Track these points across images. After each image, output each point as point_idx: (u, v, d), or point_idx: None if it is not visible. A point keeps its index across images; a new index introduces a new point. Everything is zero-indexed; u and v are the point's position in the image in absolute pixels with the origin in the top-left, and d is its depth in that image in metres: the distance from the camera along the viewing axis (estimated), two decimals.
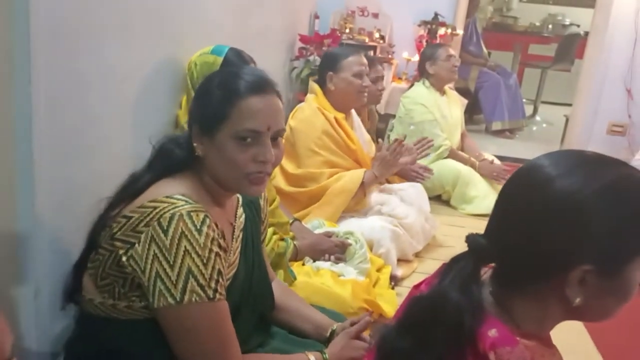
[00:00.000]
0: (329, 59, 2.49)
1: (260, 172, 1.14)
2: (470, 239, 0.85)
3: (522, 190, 0.83)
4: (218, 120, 1.11)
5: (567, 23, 6.85)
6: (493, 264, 0.87)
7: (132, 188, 1.14)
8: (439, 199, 3.34)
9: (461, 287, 0.82)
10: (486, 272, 0.89)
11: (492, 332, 0.80)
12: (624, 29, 4.08)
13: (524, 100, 5.59)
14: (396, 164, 2.41)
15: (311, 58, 3.64)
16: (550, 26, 6.84)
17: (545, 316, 0.84)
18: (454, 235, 2.84)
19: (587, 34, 4.72)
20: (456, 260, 0.86)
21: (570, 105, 4.83)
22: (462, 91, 4.49)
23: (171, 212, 1.04)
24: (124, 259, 1.05)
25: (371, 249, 2.22)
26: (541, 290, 0.82)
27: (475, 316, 0.81)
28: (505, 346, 0.78)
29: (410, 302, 0.93)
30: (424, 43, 4.00)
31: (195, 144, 1.14)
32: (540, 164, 0.82)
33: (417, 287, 1.01)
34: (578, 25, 6.61)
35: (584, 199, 0.77)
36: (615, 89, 4.17)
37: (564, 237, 0.78)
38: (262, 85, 1.15)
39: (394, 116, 3.65)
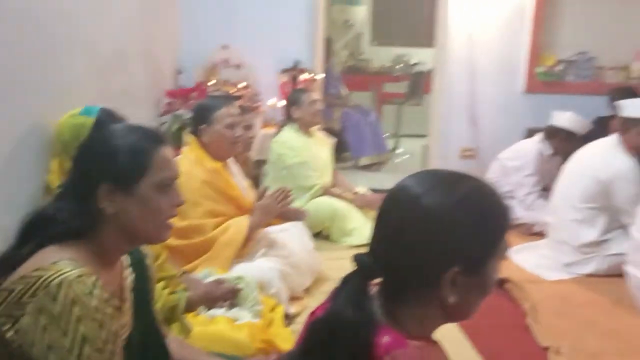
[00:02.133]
0: (200, 112, 2.54)
1: (174, 216, 1.23)
2: (357, 257, 0.94)
3: (394, 209, 0.95)
4: (139, 174, 1.15)
5: (414, 62, 7.49)
6: (379, 279, 0.97)
7: (10, 260, 1.09)
8: (319, 235, 3.46)
9: (353, 304, 0.91)
10: (374, 288, 0.99)
11: (385, 339, 0.89)
12: (461, 64, 4.57)
13: (386, 135, 6.00)
14: (278, 210, 2.52)
15: (179, 112, 3.66)
16: (399, 66, 7.45)
17: (428, 318, 0.95)
18: (338, 267, 2.92)
19: (431, 70, 5.22)
20: (346, 279, 0.95)
21: (426, 136, 5.27)
22: (329, 131, 4.72)
23: (59, 278, 1.01)
24: (9, 334, 1.00)
25: (262, 291, 2.26)
26: (421, 296, 0.93)
27: (369, 329, 0.90)
28: (398, 349, 0.88)
29: (308, 326, 1.01)
30: (288, 89, 4.19)
31: (104, 205, 1.13)
32: (407, 184, 0.95)
33: (313, 313, 1.08)
34: (423, 64, 7.27)
35: (446, 211, 0.90)
36: (461, 117, 4.63)
37: (434, 246, 0.90)
38: (161, 135, 1.24)
39: (265, 161, 3.76)
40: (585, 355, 2.25)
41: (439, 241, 0.90)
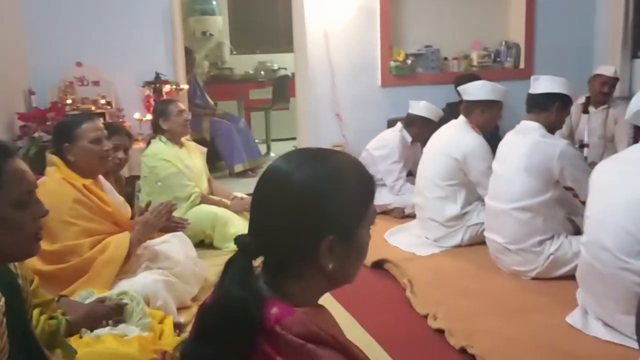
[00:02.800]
0: (61, 130, 2.43)
1: (41, 229, 1.18)
2: (238, 239, 0.98)
3: (267, 189, 1.00)
4: None
5: (276, 67, 7.63)
6: (262, 258, 1.02)
7: None
8: (202, 244, 3.45)
9: (240, 283, 0.94)
10: (258, 266, 1.03)
11: (274, 310, 0.93)
12: (321, 65, 4.76)
13: (257, 141, 6.06)
14: (159, 225, 2.47)
15: (36, 135, 3.45)
16: (262, 72, 7.54)
17: (311, 287, 1.01)
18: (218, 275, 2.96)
19: (294, 74, 5.37)
20: (230, 262, 0.98)
21: (295, 138, 5.42)
22: (200, 142, 4.69)
23: None
24: None
25: (148, 305, 2.22)
26: (303, 267, 0.98)
27: (257, 304, 0.94)
28: (287, 317, 0.93)
29: (199, 313, 1.03)
30: (152, 102, 4.11)
31: None
32: (277, 165, 1.01)
33: (203, 304, 1.10)
34: (285, 68, 7.43)
35: (316, 184, 0.97)
36: (327, 116, 4.83)
37: (308, 218, 0.96)
38: (10, 148, 1.17)
39: (139, 177, 3.66)
40: (459, 316, 2.46)
41: (313, 213, 0.96)
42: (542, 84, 2.90)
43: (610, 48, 5.01)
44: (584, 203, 2.58)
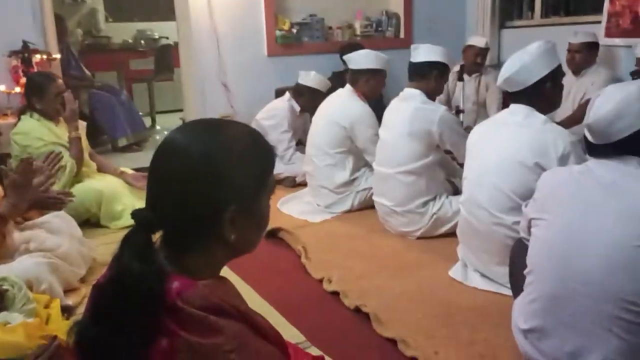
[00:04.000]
0: None
1: None
2: (135, 213, 0.95)
3: (165, 162, 0.97)
4: None
5: (157, 37, 7.30)
6: (161, 232, 0.99)
7: None
8: (88, 223, 3.28)
9: (140, 259, 0.91)
10: (157, 241, 1.01)
11: (175, 284, 0.92)
12: (206, 34, 4.64)
13: (141, 113, 5.81)
14: (30, 184, 2.27)
15: None
16: (143, 41, 7.19)
17: (213, 260, 1.01)
18: (113, 252, 2.84)
19: (177, 43, 5.18)
20: (127, 237, 0.94)
21: (182, 110, 5.25)
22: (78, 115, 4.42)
23: None
24: None
25: (32, 289, 2.08)
26: (204, 240, 0.98)
27: (158, 279, 0.92)
28: (188, 290, 0.92)
29: (94, 291, 0.99)
30: (21, 73, 3.78)
31: None
32: (174, 136, 0.98)
33: (97, 283, 1.06)
34: (167, 38, 7.13)
35: (214, 155, 0.95)
36: (214, 86, 4.73)
37: (208, 190, 0.95)
38: None
39: (9, 155, 3.38)
40: (352, 278, 2.56)
41: (214, 185, 0.95)
42: (422, 52, 3.04)
43: (481, 19, 5.33)
44: (461, 165, 2.77)
